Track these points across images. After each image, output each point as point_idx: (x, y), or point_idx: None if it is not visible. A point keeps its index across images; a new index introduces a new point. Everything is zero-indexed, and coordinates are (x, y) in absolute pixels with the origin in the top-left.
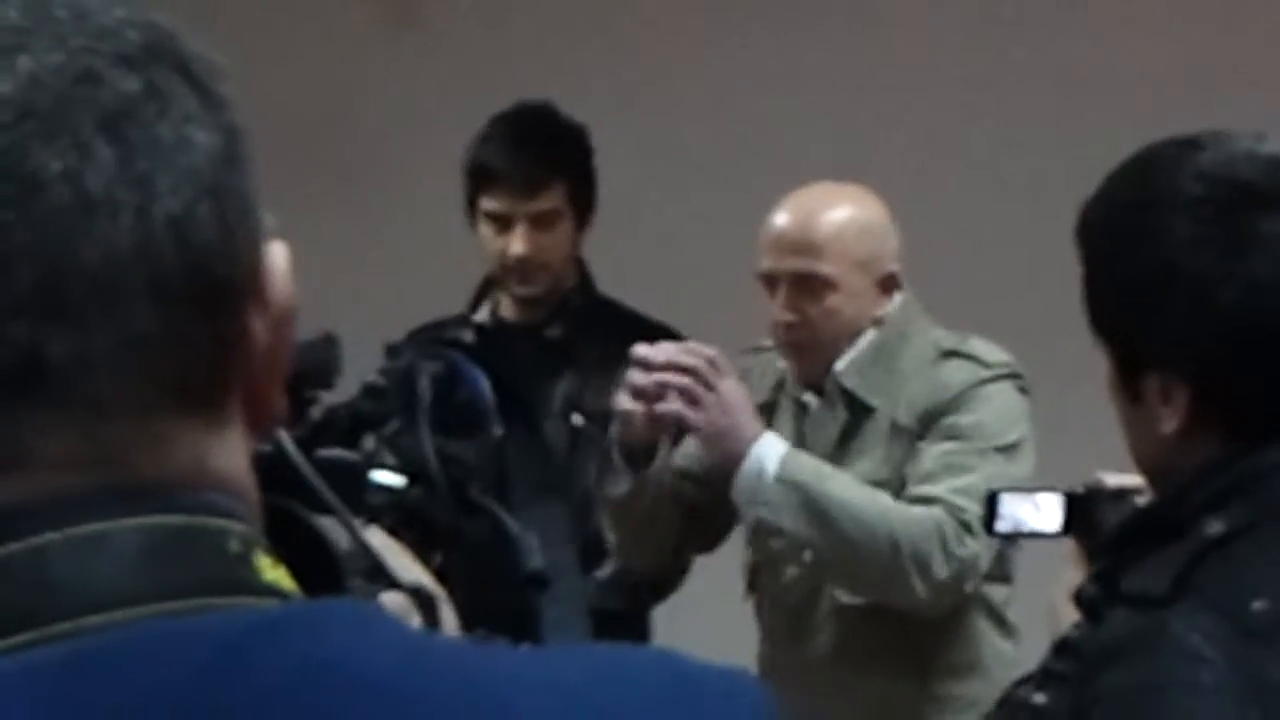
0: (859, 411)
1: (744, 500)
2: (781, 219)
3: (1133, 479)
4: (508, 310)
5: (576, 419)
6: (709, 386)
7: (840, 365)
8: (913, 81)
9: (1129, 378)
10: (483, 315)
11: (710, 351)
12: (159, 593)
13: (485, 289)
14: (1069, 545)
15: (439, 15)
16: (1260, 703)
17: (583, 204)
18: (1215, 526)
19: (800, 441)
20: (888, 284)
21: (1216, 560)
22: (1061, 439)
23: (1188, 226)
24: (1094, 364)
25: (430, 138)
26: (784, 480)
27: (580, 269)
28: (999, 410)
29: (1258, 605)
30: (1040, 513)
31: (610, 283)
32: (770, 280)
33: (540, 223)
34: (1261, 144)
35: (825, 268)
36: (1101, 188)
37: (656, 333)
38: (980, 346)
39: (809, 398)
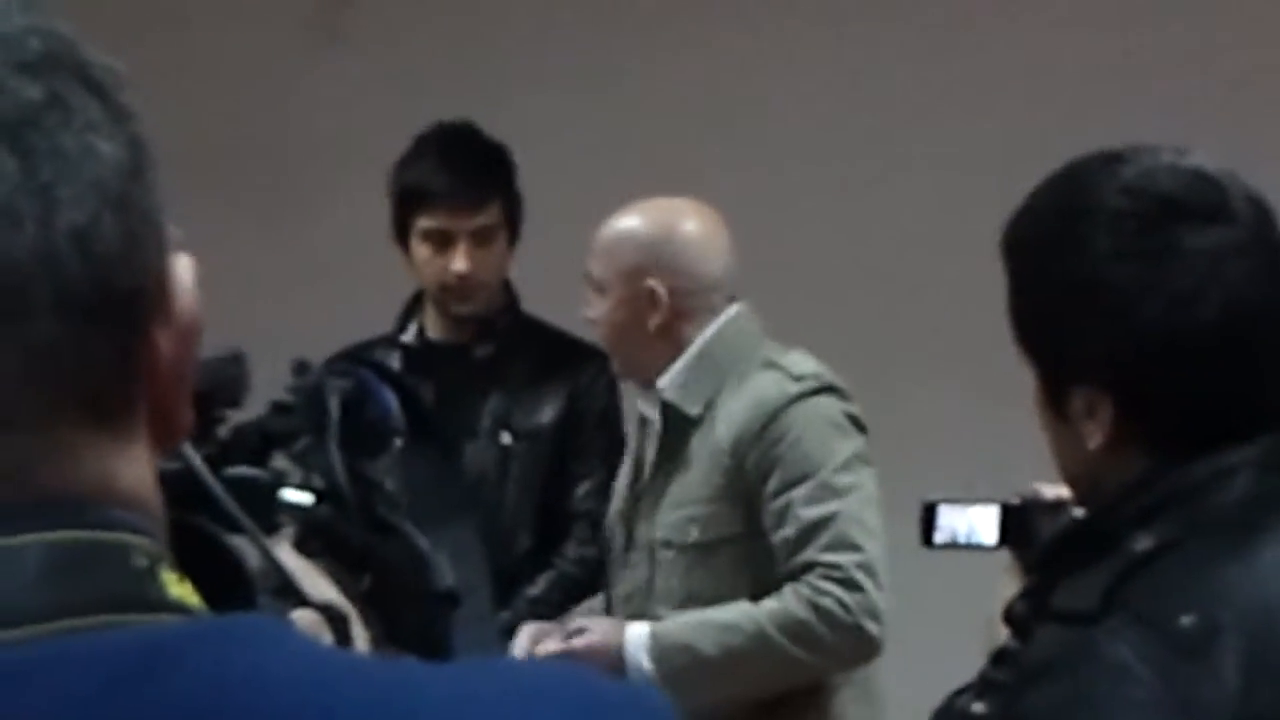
0: (680, 423)
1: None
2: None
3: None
4: (435, 330)
5: (505, 438)
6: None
7: (663, 380)
8: (848, 95)
9: (1055, 393)
10: (409, 336)
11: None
12: (63, 609)
13: (412, 309)
14: (1006, 557)
15: (364, 31)
16: (1189, 718)
17: (514, 222)
18: (1143, 542)
19: (641, 453)
20: (649, 299)
21: (1144, 575)
22: (999, 450)
23: (1110, 240)
24: (1029, 378)
25: (353, 154)
26: (664, 675)
27: (507, 288)
28: (819, 431)
29: (1186, 620)
30: (977, 525)
31: (536, 301)
32: None
33: (481, 239)
34: (1184, 157)
35: (596, 270)
36: (1025, 202)
37: (583, 350)
38: (794, 359)
39: (647, 410)
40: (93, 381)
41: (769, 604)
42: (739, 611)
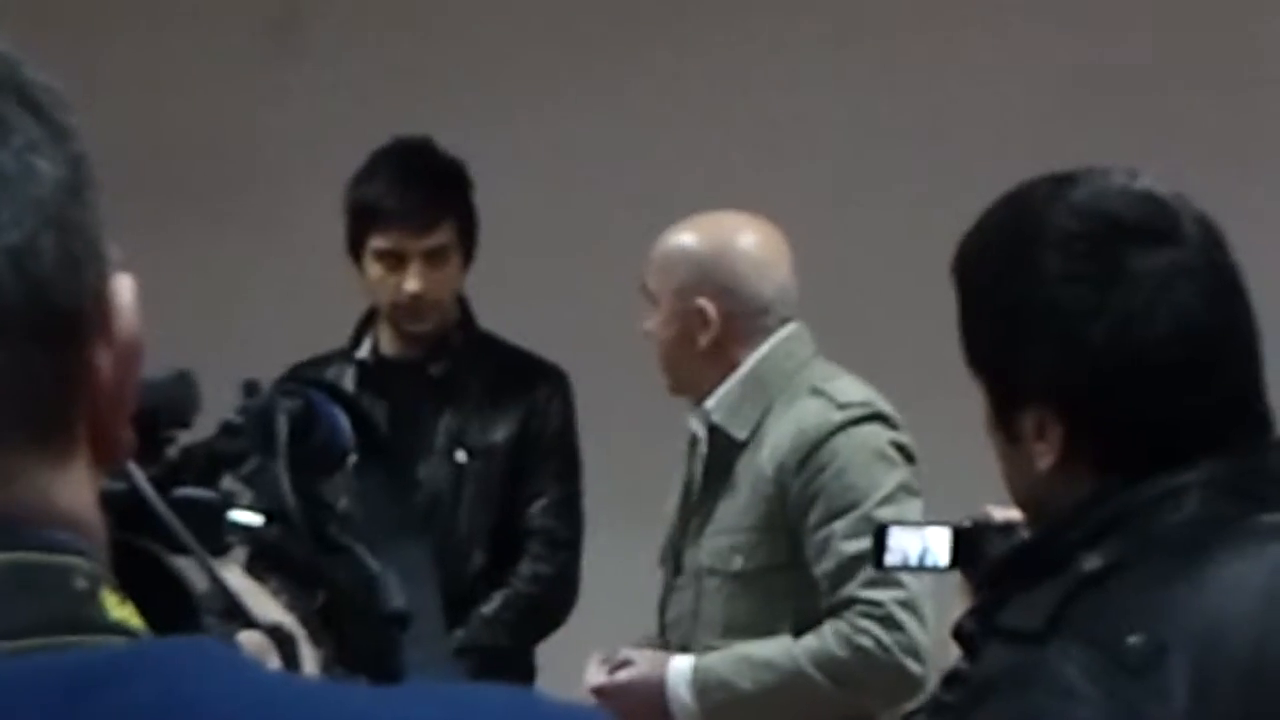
0: (727, 446)
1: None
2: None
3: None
4: (390, 346)
5: (460, 455)
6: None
7: (710, 402)
8: (807, 112)
9: (1004, 414)
10: (364, 351)
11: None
12: (2, 632)
13: (366, 324)
14: (958, 579)
15: (322, 45)
16: None
17: (468, 239)
18: (1091, 562)
19: (690, 473)
20: (699, 318)
21: (1092, 595)
22: (951, 475)
23: (1060, 261)
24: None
25: (310, 169)
26: (704, 710)
27: (461, 305)
28: (863, 462)
29: (1133, 640)
30: (929, 547)
31: (494, 317)
32: None
33: (433, 260)
34: (1134, 180)
35: (651, 283)
36: (976, 224)
37: (538, 368)
38: (841, 385)
39: (695, 427)
40: (30, 402)
41: (808, 641)
42: (778, 648)
